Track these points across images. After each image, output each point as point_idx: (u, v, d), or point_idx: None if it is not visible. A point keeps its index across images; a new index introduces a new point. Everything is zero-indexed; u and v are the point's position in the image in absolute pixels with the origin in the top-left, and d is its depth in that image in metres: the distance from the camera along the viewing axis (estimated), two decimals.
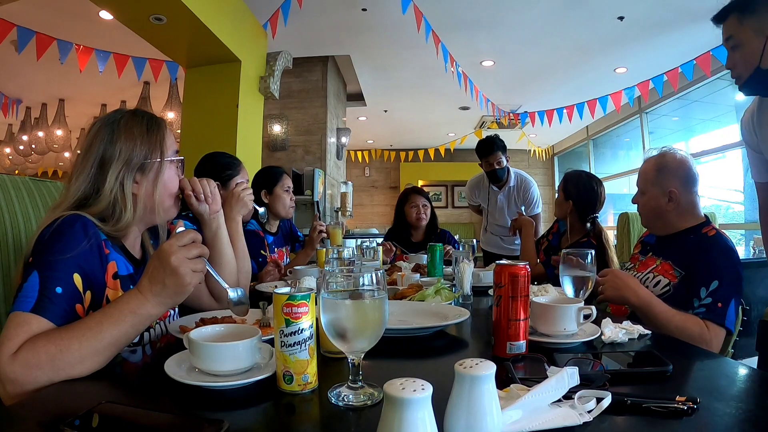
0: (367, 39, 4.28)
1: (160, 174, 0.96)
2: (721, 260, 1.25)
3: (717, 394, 0.64)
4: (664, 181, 1.37)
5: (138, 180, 0.94)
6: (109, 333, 0.73)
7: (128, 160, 0.93)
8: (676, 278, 1.31)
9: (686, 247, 1.33)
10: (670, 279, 1.33)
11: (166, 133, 0.99)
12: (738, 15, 1.24)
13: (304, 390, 0.65)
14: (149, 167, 0.95)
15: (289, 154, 4.80)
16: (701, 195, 1.40)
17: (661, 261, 1.39)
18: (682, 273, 1.31)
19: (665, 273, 1.35)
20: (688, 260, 1.30)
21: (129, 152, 0.93)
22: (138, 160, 0.94)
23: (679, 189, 1.35)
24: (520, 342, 0.80)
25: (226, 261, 1.21)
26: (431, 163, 8.92)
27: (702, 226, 1.36)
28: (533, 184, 3.05)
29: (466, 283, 1.36)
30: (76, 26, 3.64)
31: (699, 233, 1.34)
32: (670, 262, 1.35)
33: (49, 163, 7.81)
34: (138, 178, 0.94)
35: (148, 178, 0.95)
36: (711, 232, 1.33)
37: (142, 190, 0.94)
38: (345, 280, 0.64)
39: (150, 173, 0.95)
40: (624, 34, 4.08)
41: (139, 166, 0.94)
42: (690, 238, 1.35)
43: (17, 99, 5.51)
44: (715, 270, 1.23)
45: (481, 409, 0.46)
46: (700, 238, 1.33)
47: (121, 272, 0.94)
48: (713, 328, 1.17)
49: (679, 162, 1.38)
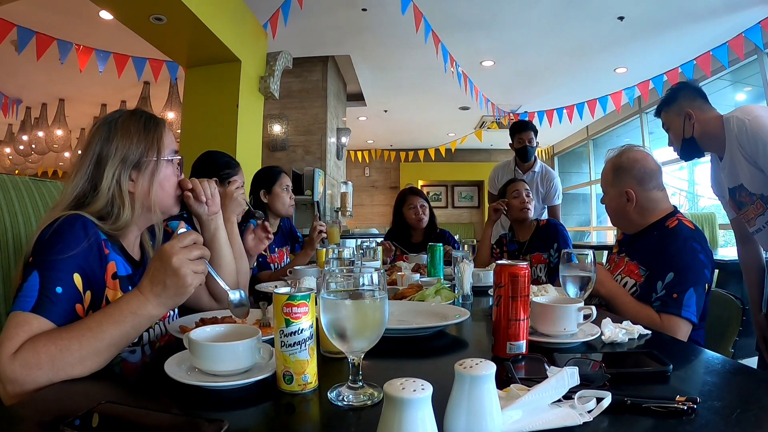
0: (367, 39, 4.28)
1: (156, 172, 0.96)
2: (678, 251, 1.26)
3: (717, 394, 0.64)
4: (620, 181, 1.39)
5: (134, 178, 0.94)
6: (110, 333, 0.73)
7: (124, 157, 0.93)
8: (642, 277, 1.33)
9: (651, 243, 1.35)
10: (636, 279, 1.34)
11: (164, 132, 0.99)
12: (665, 108, 1.69)
13: (304, 390, 0.65)
14: (145, 165, 0.95)
15: (289, 154, 4.80)
16: (701, 195, 1.41)
17: (627, 261, 1.41)
18: (646, 271, 1.32)
19: (631, 274, 1.36)
20: (650, 257, 1.32)
21: (125, 150, 0.93)
22: (134, 158, 0.94)
23: (635, 188, 1.36)
24: (520, 342, 0.80)
25: (226, 262, 1.21)
26: (431, 163, 8.92)
27: (666, 218, 1.36)
28: (557, 176, 3.18)
29: (466, 283, 1.36)
30: (76, 26, 3.64)
31: (662, 227, 1.35)
32: (635, 262, 1.37)
33: (49, 163, 7.82)
34: (134, 176, 0.94)
35: (144, 176, 0.95)
36: (673, 224, 1.33)
37: (138, 188, 0.94)
38: (345, 280, 0.64)
39: (146, 171, 0.95)
40: (624, 34, 4.08)
41: (135, 164, 0.94)
42: (654, 234, 1.36)
43: (17, 99, 5.52)
44: (672, 262, 1.25)
45: (481, 409, 0.46)
46: (662, 233, 1.33)
47: (120, 273, 0.94)
48: (667, 319, 1.19)
49: (633, 161, 1.39)
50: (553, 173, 3.18)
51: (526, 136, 3.07)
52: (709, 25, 3.76)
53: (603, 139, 7.32)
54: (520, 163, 3.18)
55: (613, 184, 1.41)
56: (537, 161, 3.17)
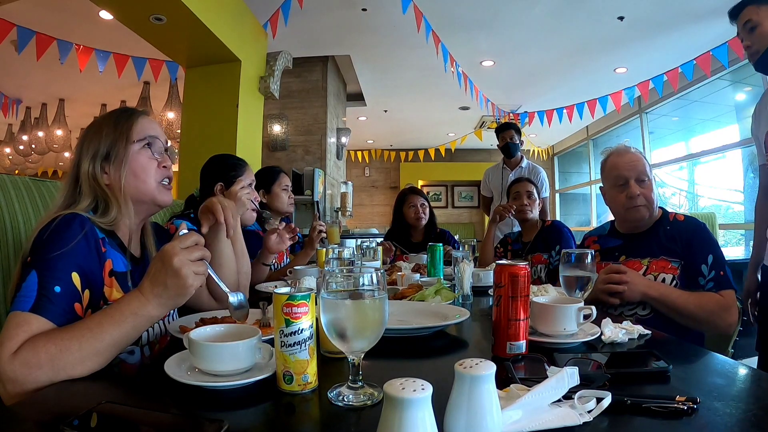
0: (367, 39, 4.28)
1: (125, 159, 0.95)
2: (706, 236, 1.36)
3: (717, 394, 0.64)
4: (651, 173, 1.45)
5: (107, 170, 0.95)
6: (110, 334, 0.73)
7: (95, 153, 0.94)
8: (677, 269, 1.34)
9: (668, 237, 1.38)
10: (672, 273, 1.35)
11: (136, 121, 0.99)
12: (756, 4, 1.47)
13: (304, 390, 0.65)
14: (114, 155, 0.95)
15: (289, 154, 4.79)
16: (701, 195, 1.43)
17: (649, 260, 1.39)
18: (680, 262, 1.35)
19: (664, 270, 1.36)
20: (681, 248, 1.35)
21: (96, 145, 0.95)
22: (103, 151, 0.95)
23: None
24: (520, 342, 0.80)
25: (227, 262, 1.21)
26: (431, 163, 8.92)
27: (665, 215, 1.44)
28: (542, 170, 3.35)
29: (466, 283, 1.36)
30: (76, 26, 3.64)
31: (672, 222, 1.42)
32: (662, 258, 1.37)
33: (49, 163, 7.81)
34: (107, 169, 0.95)
35: (114, 166, 0.95)
36: (680, 217, 1.42)
37: (112, 180, 0.94)
38: (345, 280, 0.64)
39: (116, 161, 0.95)
40: (624, 34, 4.08)
41: (105, 157, 0.95)
42: (666, 229, 1.41)
43: (17, 99, 5.51)
44: (707, 245, 1.34)
45: (481, 409, 0.46)
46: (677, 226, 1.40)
47: (118, 269, 0.93)
48: (726, 294, 1.27)
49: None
50: (539, 168, 3.36)
51: (507, 134, 3.31)
52: (709, 25, 3.76)
53: (603, 139, 7.31)
54: (507, 160, 3.41)
55: (650, 174, 1.42)
56: (524, 159, 3.39)
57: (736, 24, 1.55)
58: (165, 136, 1.04)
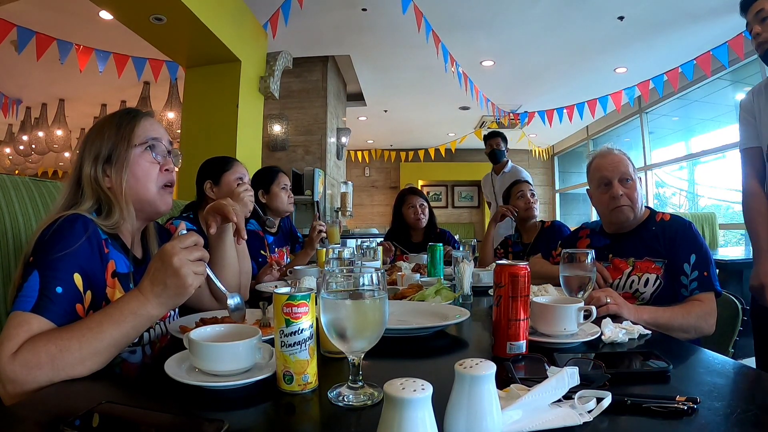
0: (367, 39, 4.28)
1: (126, 162, 0.95)
2: (691, 235, 1.34)
3: (717, 394, 0.64)
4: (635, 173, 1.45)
5: (109, 173, 0.94)
6: (110, 333, 0.73)
7: (97, 155, 0.94)
8: (661, 269, 1.34)
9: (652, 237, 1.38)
10: (656, 272, 1.35)
11: (138, 123, 0.98)
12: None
13: (304, 390, 0.65)
14: (116, 158, 0.95)
15: (289, 154, 4.79)
16: (701, 195, 1.43)
17: (633, 261, 1.39)
18: (664, 261, 1.34)
19: (648, 270, 1.36)
20: (664, 247, 1.35)
21: (98, 148, 0.94)
22: (105, 153, 0.94)
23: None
24: (520, 342, 0.80)
25: (229, 262, 1.21)
26: (431, 163, 8.92)
27: (653, 215, 1.44)
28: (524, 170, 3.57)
29: (466, 283, 1.36)
30: (76, 26, 3.64)
31: (658, 222, 1.41)
32: (646, 258, 1.37)
33: (49, 163, 7.82)
34: (108, 171, 0.94)
35: (116, 170, 0.94)
36: (666, 217, 1.41)
37: (114, 183, 0.94)
38: (345, 280, 0.64)
39: (117, 164, 0.95)
40: (624, 34, 4.08)
41: (106, 159, 0.94)
42: (651, 230, 1.40)
43: (17, 99, 5.51)
44: (691, 244, 1.32)
45: (481, 409, 0.46)
46: (663, 225, 1.39)
47: (120, 270, 0.94)
48: (706, 297, 1.25)
49: None
50: (520, 168, 3.61)
51: (494, 142, 3.58)
52: (709, 25, 3.76)
53: (603, 139, 7.31)
54: (494, 166, 3.69)
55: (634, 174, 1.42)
56: (508, 163, 3.66)
57: (746, 15, 1.52)
58: (168, 137, 1.04)
